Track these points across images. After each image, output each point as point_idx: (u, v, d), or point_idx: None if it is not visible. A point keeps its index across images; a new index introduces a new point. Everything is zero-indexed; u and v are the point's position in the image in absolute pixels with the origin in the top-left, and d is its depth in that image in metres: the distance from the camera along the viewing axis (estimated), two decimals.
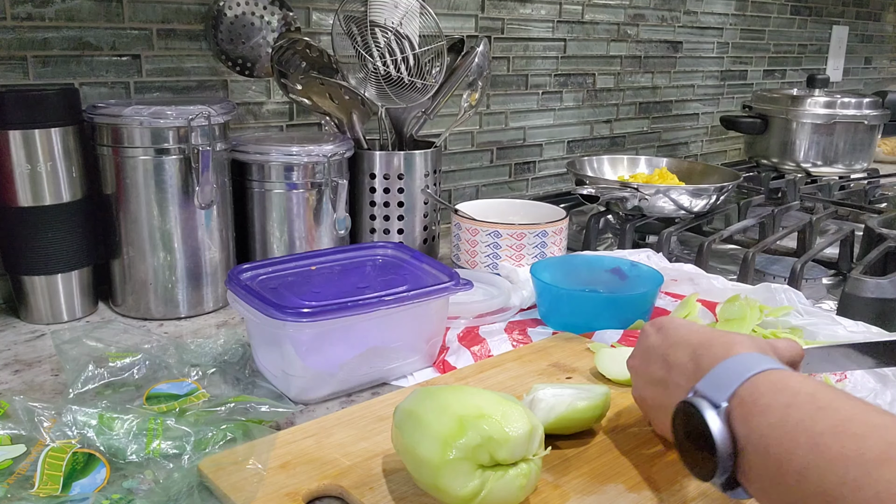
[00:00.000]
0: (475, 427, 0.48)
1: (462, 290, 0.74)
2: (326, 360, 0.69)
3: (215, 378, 0.71)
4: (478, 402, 0.51)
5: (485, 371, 0.74)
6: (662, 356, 0.56)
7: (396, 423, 0.53)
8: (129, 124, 0.83)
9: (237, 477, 0.54)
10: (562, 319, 0.86)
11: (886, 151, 2.11)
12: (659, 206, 1.19)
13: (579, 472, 0.57)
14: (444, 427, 0.49)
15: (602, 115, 1.64)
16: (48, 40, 0.90)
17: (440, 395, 0.52)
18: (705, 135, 1.96)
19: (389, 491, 0.54)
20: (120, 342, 0.74)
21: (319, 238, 0.98)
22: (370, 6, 0.98)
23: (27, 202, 0.82)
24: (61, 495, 0.53)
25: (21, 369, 0.76)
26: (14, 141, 0.80)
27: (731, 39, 1.93)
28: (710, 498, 0.54)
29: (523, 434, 0.49)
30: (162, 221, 0.87)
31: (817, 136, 1.69)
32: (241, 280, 0.73)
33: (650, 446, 0.61)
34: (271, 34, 1.06)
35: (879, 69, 2.59)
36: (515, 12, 1.40)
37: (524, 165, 1.51)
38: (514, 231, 1.00)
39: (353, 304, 0.67)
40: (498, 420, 0.49)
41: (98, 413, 0.59)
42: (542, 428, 0.52)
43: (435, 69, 1.02)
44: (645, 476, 0.57)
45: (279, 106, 1.13)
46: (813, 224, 1.18)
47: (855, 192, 1.57)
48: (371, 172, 1.05)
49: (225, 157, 0.91)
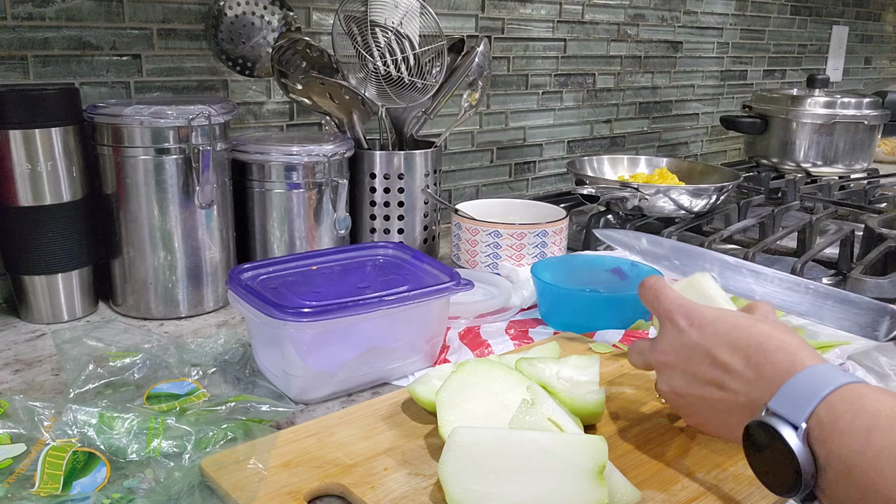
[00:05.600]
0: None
1: (463, 291, 0.74)
2: (327, 359, 0.69)
3: (216, 378, 0.71)
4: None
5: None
6: (707, 355, 0.54)
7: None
8: (129, 124, 0.83)
9: (238, 476, 0.54)
10: (562, 319, 0.86)
11: (886, 151, 2.11)
12: (659, 206, 1.19)
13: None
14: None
15: (602, 115, 1.64)
16: (48, 40, 0.90)
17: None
18: (705, 135, 1.96)
19: (391, 490, 0.54)
20: (120, 342, 0.74)
21: (320, 238, 0.98)
22: (370, 6, 0.98)
23: (27, 202, 0.82)
24: (62, 494, 0.53)
25: (21, 369, 0.76)
26: (14, 141, 0.80)
27: (731, 39, 1.93)
28: (714, 497, 0.54)
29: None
30: (162, 221, 0.87)
31: (817, 136, 1.69)
32: (242, 280, 0.73)
33: (650, 445, 0.61)
34: (271, 34, 1.06)
35: (879, 69, 2.59)
36: (515, 12, 1.40)
37: (524, 165, 1.51)
38: (515, 231, 1.00)
39: (353, 304, 0.67)
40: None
41: (98, 412, 0.59)
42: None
43: (435, 69, 1.02)
44: (648, 475, 0.57)
45: (279, 106, 1.13)
46: (813, 224, 1.18)
47: (855, 192, 1.57)
48: (371, 172, 1.05)
49: (225, 156, 0.91)
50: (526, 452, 0.52)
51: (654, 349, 0.59)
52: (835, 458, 0.43)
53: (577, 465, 0.51)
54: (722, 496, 0.54)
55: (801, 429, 0.45)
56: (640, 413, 0.66)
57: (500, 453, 0.52)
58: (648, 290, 0.62)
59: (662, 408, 0.67)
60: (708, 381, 0.54)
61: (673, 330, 0.58)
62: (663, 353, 0.58)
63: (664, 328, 0.59)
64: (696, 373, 0.55)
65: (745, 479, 0.56)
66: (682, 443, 0.61)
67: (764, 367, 0.50)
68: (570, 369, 0.66)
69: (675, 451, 0.60)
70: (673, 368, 0.58)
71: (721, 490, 0.55)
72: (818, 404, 0.45)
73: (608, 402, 0.66)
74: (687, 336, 0.56)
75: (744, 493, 0.54)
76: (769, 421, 0.46)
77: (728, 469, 0.57)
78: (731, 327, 0.54)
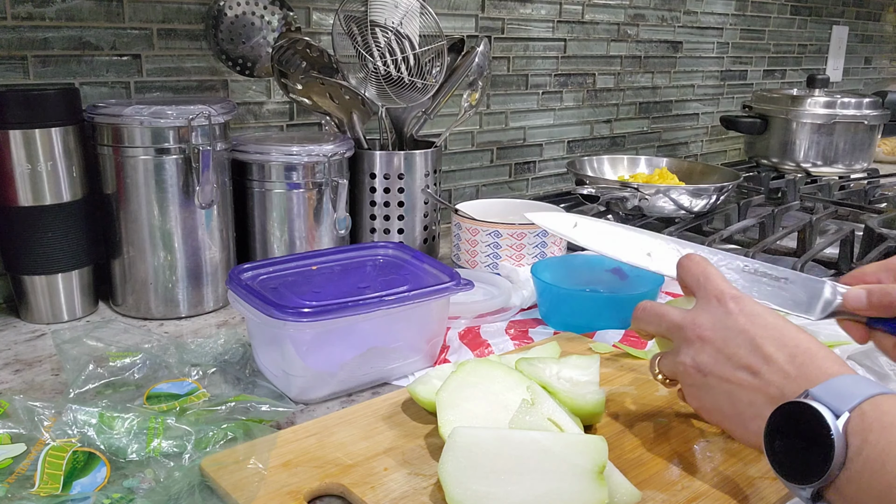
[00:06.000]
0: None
1: (463, 291, 0.74)
2: (327, 359, 0.69)
3: (216, 378, 0.71)
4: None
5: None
6: (751, 342, 0.54)
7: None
8: (129, 124, 0.83)
9: (239, 476, 0.54)
10: (562, 319, 0.86)
11: (886, 151, 2.11)
12: (659, 206, 1.19)
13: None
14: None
15: (602, 115, 1.64)
16: (48, 40, 0.90)
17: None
18: (705, 135, 1.96)
19: (391, 490, 0.54)
20: (120, 342, 0.74)
21: (320, 238, 0.98)
22: (370, 6, 0.98)
23: (27, 202, 0.82)
24: (62, 494, 0.53)
25: (21, 369, 0.76)
26: (14, 141, 0.80)
27: (731, 39, 1.93)
28: (714, 497, 0.54)
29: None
30: (162, 221, 0.87)
31: (817, 136, 1.69)
32: (242, 280, 0.73)
33: (650, 445, 0.61)
34: (271, 34, 1.06)
35: (879, 69, 2.59)
36: (515, 12, 1.40)
37: (524, 165, 1.51)
38: (515, 231, 1.00)
39: (353, 304, 0.67)
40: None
41: (98, 412, 0.59)
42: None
43: (435, 69, 1.02)
44: (647, 476, 0.57)
45: (279, 106, 1.13)
46: (813, 224, 1.18)
47: (855, 192, 1.57)
48: (371, 172, 1.05)
49: (225, 156, 0.91)
50: (526, 452, 0.52)
51: (692, 321, 0.58)
52: (871, 448, 0.43)
53: (577, 465, 0.51)
54: (722, 496, 0.54)
55: (844, 416, 0.45)
56: (640, 413, 0.66)
57: (500, 453, 0.52)
58: (695, 266, 0.61)
59: (663, 407, 0.67)
60: (743, 365, 0.54)
61: (719, 309, 0.57)
62: (701, 326, 0.57)
63: (707, 305, 0.58)
64: (733, 355, 0.54)
65: (746, 480, 0.56)
66: (682, 443, 0.61)
67: (809, 367, 0.51)
68: (570, 369, 0.66)
69: (676, 451, 0.60)
70: (707, 344, 0.56)
71: (721, 490, 0.55)
72: (865, 399, 0.45)
73: (608, 402, 0.66)
74: (734, 319, 0.56)
75: (744, 494, 0.54)
76: (811, 403, 0.46)
77: (729, 469, 0.57)
78: (781, 325, 0.54)
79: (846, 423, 0.45)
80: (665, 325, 0.60)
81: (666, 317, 0.60)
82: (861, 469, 0.44)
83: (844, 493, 0.45)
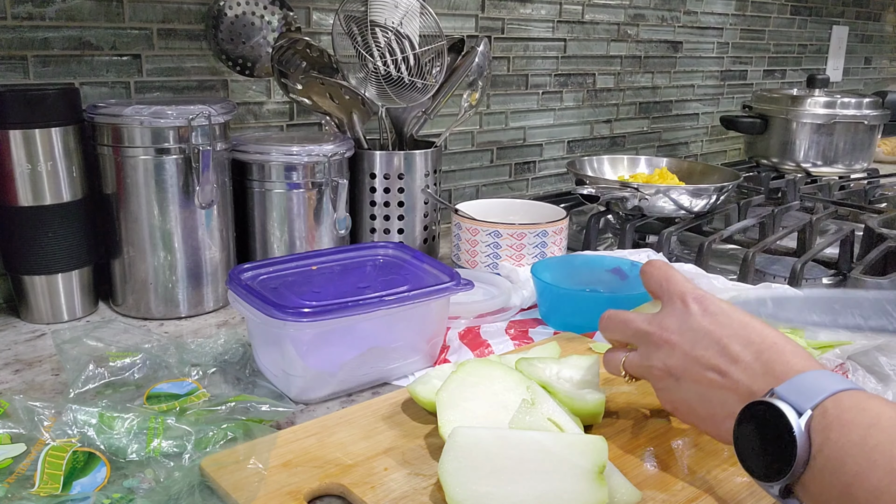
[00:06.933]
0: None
1: (463, 291, 0.74)
2: (327, 359, 0.69)
3: (216, 378, 0.71)
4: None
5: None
6: (717, 343, 0.54)
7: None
8: (129, 124, 0.83)
9: (238, 476, 0.54)
10: (562, 319, 0.86)
11: (886, 151, 2.11)
12: (659, 206, 1.19)
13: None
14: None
15: (602, 115, 1.64)
16: (48, 40, 0.90)
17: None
18: (705, 135, 1.96)
19: (391, 490, 0.54)
20: (120, 342, 0.74)
21: (320, 238, 0.98)
22: (370, 6, 0.98)
23: (27, 202, 0.82)
24: (62, 494, 0.53)
25: (21, 369, 0.76)
26: (14, 141, 0.80)
27: (731, 39, 1.93)
28: (716, 496, 0.54)
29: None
30: (162, 221, 0.87)
31: (817, 136, 1.69)
32: (242, 280, 0.73)
33: (650, 445, 0.61)
34: (271, 34, 1.06)
35: (879, 69, 2.59)
36: (515, 12, 1.40)
37: (524, 165, 1.51)
38: (515, 231, 1.00)
39: (353, 304, 0.67)
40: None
41: (98, 412, 0.59)
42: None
43: (435, 69, 1.02)
44: (644, 477, 0.57)
45: (279, 106, 1.13)
46: (813, 224, 1.18)
47: (855, 192, 1.57)
48: (371, 172, 1.05)
49: (225, 156, 0.91)
50: (526, 452, 0.52)
51: (658, 325, 0.58)
52: (831, 446, 0.44)
53: (577, 465, 0.51)
54: (722, 496, 0.54)
55: (806, 415, 0.45)
56: (640, 413, 0.66)
57: (500, 453, 0.52)
58: (657, 271, 0.61)
59: (663, 407, 0.67)
60: (711, 367, 0.54)
61: (683, 312, 0.57)
62: (667, 330, 0.58)
63: (672, 308, 0.58)
64: (700, 357, 0.55)
65: (746, 480, 0.56)
66: (682, 443, 0.61)
67: (775, 364, 0.51)
68: (570, 369, 0.66)
69: (675, 452, 0.60)
70: (674, 347, 0.57)
71: (721, 490, 0.55)
72: (827, 397, 0.46)
73: (608, 402, 0.66)
74: (697, 321, 0.56)
75: (743, 494, 0.54)
76: (775, 402, 0.47)
77: (728, 469, 0.57)
78: (745, 323, 0.55)
79: (809, 421, 0.45)
80: (631, 331, 0.61)
81: (632, 323, 0.61)
82: (822, 467, 0.44)
83: (810, 491, 0.45)
